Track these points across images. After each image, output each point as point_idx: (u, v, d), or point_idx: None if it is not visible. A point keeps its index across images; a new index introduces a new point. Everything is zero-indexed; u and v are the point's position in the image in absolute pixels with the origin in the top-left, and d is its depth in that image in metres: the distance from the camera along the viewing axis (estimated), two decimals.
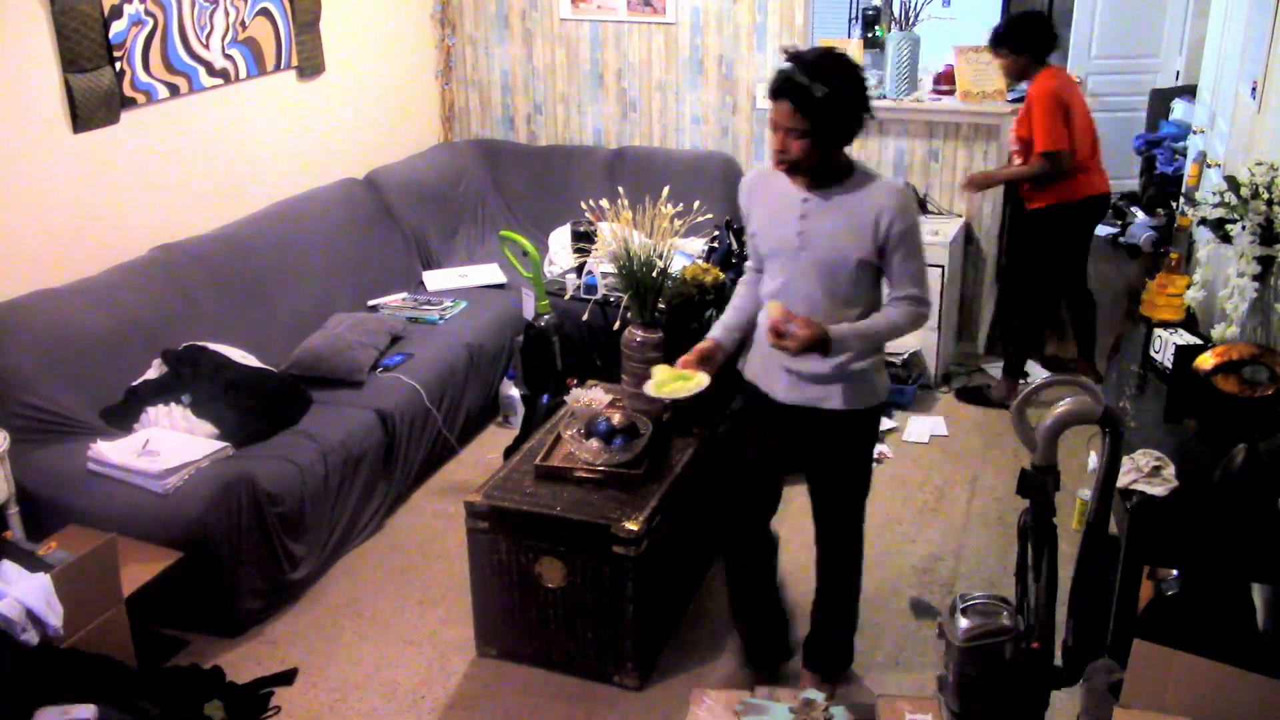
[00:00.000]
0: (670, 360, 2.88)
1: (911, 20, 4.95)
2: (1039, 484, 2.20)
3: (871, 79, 5.05)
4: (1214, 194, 2.98)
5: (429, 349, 4.26)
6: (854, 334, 2.63)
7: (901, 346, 4.80)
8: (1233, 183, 2.89)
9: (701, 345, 2.85)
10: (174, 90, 4.05)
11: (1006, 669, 2.06)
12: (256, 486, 3.28)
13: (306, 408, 3.74)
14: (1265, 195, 2.82)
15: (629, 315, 3.43)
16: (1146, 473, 2.47)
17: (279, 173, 4.65)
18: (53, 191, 3.67)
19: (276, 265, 4.29)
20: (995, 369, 5.11)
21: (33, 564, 2.77)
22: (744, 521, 2.99)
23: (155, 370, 3.65)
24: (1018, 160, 4.54)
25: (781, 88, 2.53)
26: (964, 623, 2.05)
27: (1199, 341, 3.00)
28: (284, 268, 4.32)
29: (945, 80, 5.00)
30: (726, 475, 2.99)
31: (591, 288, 4.71)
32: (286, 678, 3.12)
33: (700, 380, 2.78)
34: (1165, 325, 3.16)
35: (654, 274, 3.30)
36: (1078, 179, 4.45)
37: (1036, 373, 5.10)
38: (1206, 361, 2.74)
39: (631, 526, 2.94)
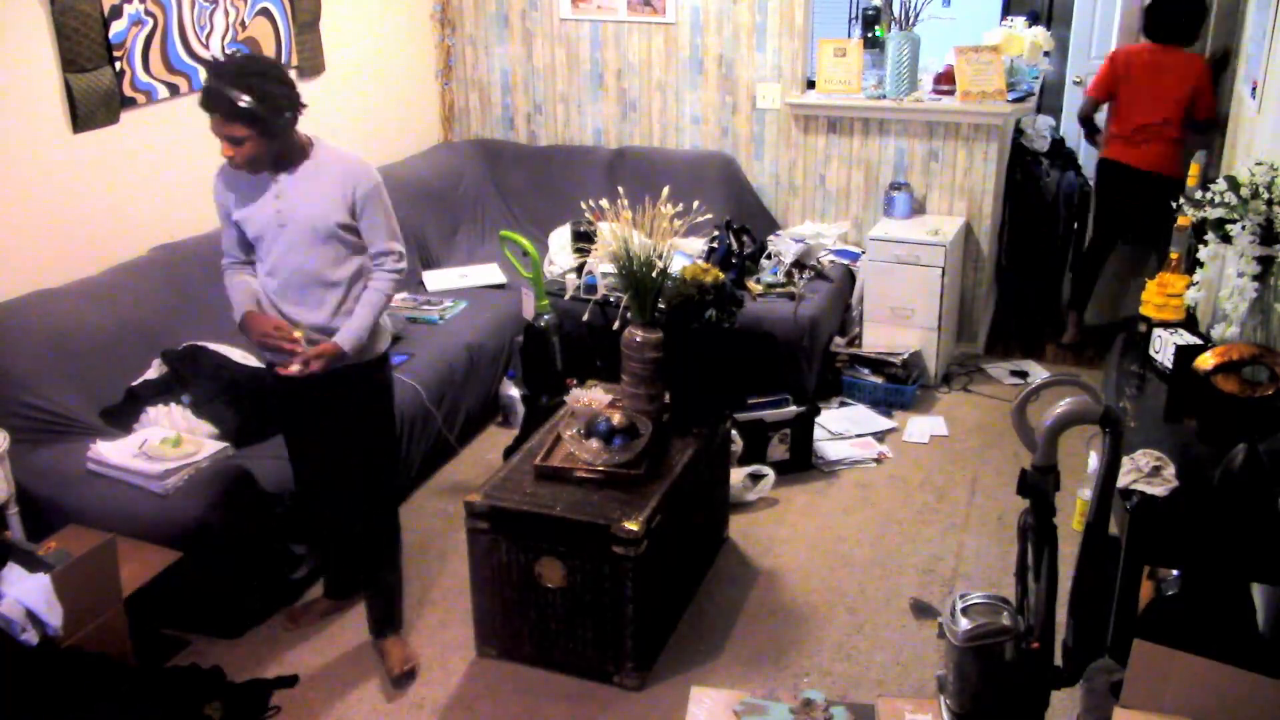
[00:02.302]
0: (671, 360, 2.88)
1: (911, 20, 4.94)
2: (1039, 484, 2.20)
3: (871, 79, 5.08)
4: (1214, 194, 2.97)
5: (429, 349, 4.26)
6: (361, 328, 2.95)
7: (902, 347, 4.80)
8: (1233, 183, 2.89)
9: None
10: (174, 90, 4.05)
11: (1006, 669, 2.06)
12: (256, 486, 3.28)
13: None
14: (1265, 195, 2.81)
15: (629, 315, 3.43)
16: (1146, 473, 2.47)
17: None
18: (53, 191, 3.67)
19: None
20: (996, 368, 5.11)
21: (33, 564, 2.77)
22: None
23: (155, 370, 3.65)
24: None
25: (209, 103, 2.74)
26: (964, 623, 2.05)
27: (1199, 341, 3.00)
28: None
29: (945, 80, 5.00)
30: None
31: (591, 288, 4.71)
32: (288, 682, 3.12)
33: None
34: (1165, 325, 3.15)
35: (654, 274, 3.30)
36: (1108, 140, 5.14)
37: (1037, 372, 5.10)
38: (1206, 361, 2.74)
39: (631, 526, 2.94)
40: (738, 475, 3.97)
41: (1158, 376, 3.04)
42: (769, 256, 4.93)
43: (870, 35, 5.12)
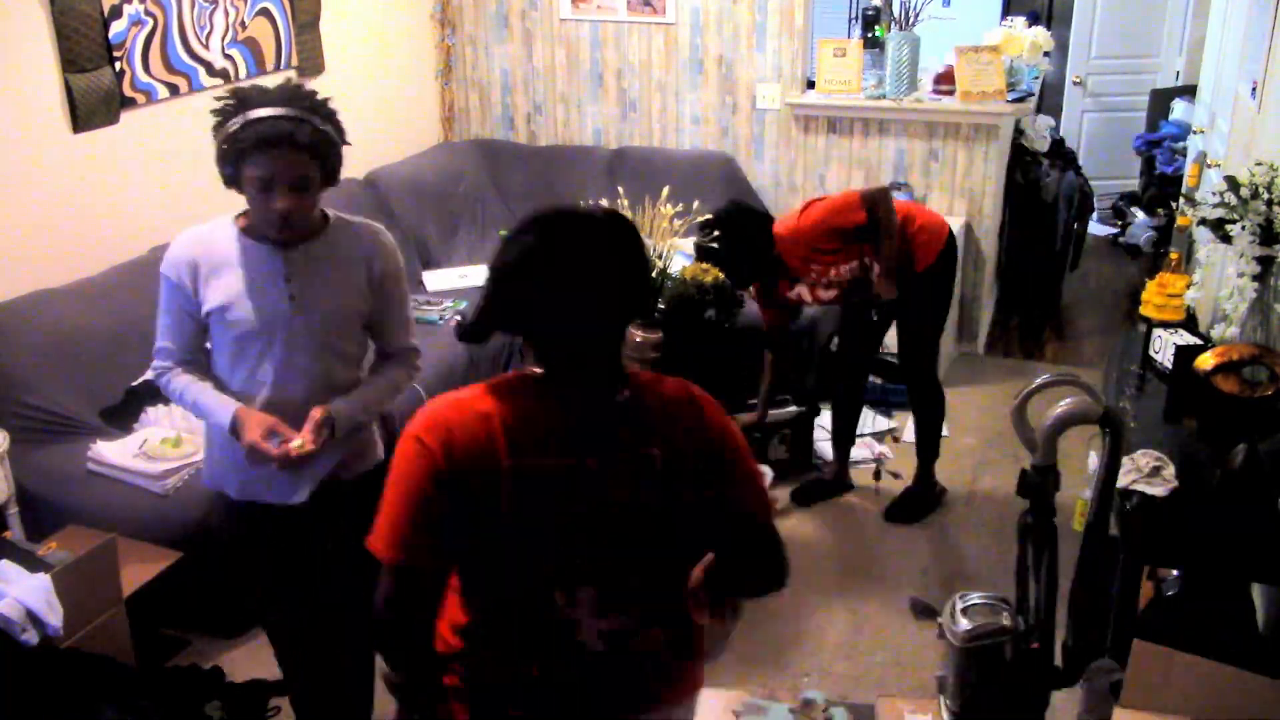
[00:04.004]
0: (671, 359, 2.88)
1: (911, 20, 4.94)
2: (1039, 484, 2.20)
3: (871, 79, 5.08)
4: (1214, 194, 2.98)
5: (429, 349, 4.23)
6: (360, 408, 2.36)
7: None
8: (1233, 183, 2.89)
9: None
10: (174, 90, 4.05)
11: (1006, 669, 2.06)
12: None
13: None
14: (1265, 195, 2.81)
15: None
16: (1146, 473, 2.47)
17: None
18: (53, 191, 3.67)
19: None
20: (996, 367, 5.11)
21: (33, 564, 2.76)
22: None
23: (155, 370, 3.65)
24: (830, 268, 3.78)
25: (284, 134, 2.16)
26: (964, 623, 2.05)
27: (1199, 341, 3.00)
28: None
29: (945, 80, 5.00)
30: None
31: None
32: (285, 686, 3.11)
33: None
34: (1165, 325, 3.15)
35: (654, 274, 3.30)
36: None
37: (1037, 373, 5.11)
38: (1206, 361, 2.74)
39: None
40: None
41: (1158, 376, 3.04)
42: None
43: (870, 35, 5.12)
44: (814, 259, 3.62)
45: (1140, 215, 6.89)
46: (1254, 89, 3.83)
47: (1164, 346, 3.04)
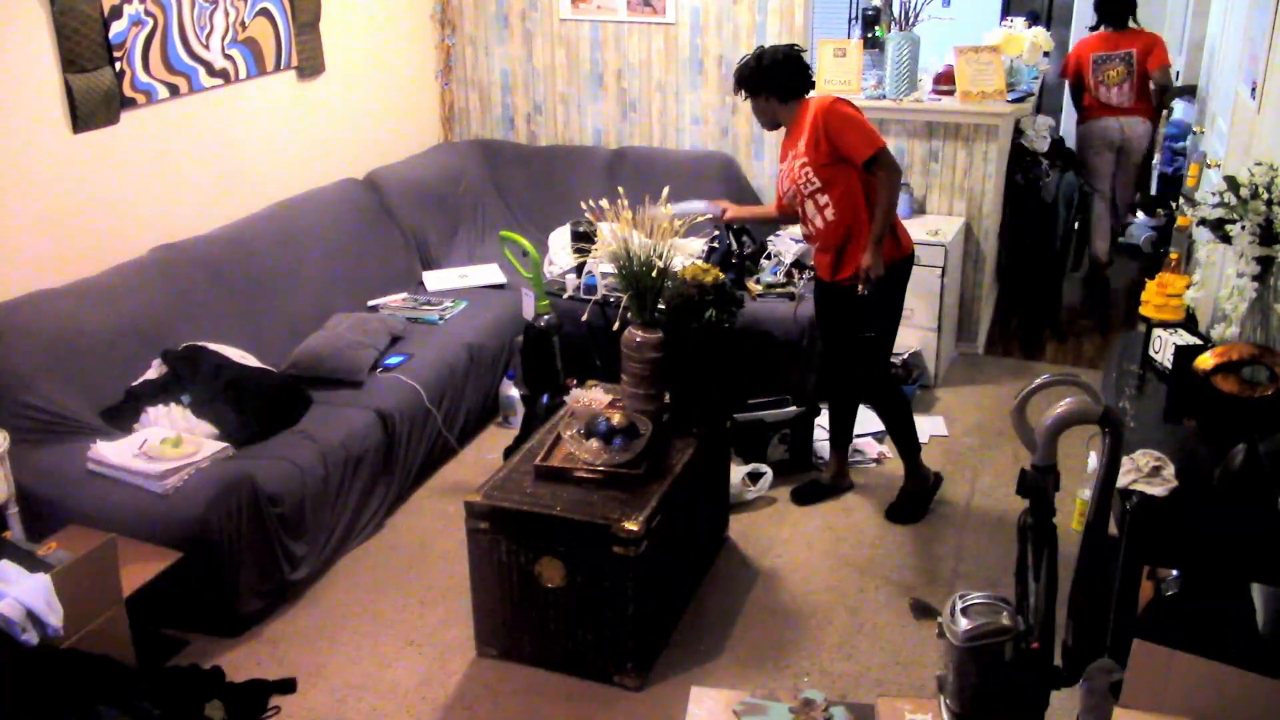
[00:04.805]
0: (671, 360, 2.86)
1: (911, 20, 4.94)
2: (1039, 484, 2.20)
3: (871, 79, 5.08)
4: (1214, 194, 2.97)
5: (429, 349, 4.26)
6: None
7: (902, 347, 4.80)
8: (1232, 183, 2.89)
9: None
10: (174, 90, 4.05)
11: (1006, 669, 2.06)
12: (256, 486, 3.28)
13: (306, 408, 3.74)
14: (1265, 195, 2.81)
15: (629, 315, 3.43)
16: (1146, 473, 2.47)
17: (279, 173, 4.65)
18: (53, 191, 3.67)
19: (276, 265, 4.29)
20: (996, 367, 5.11)
21: (33, 564, 2.76)
22: None
23: (155, 370, 3.65)
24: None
25: None
26: (964, 623, 2.05)
27: (1199, 341, 3.00)
28: (284, 268, 4.32)
29: (945, 80, 5.00)
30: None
31: (591, 288, 4.71)
32: (285, 686, 3.12)
33: None
34: (1165, 325, 3.15)
35: (654, 274, 3.30)
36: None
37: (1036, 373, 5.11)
38: (1206, 361, 2.74)
39: (631, 526, 2.94)
40: (736, 475, 3.97)
41: (1157, 376, 3.04)
42: (769, 256, 4.94)
43: (870, 35, 5.12)
44: (805, 145, 3.61)
45: (1140, 215, 6.89)
46: (1254, 89, 3.83)
47: (1164, 346, 3.04)
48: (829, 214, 3.64)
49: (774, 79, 3.68)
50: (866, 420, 4.60)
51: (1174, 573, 2.75)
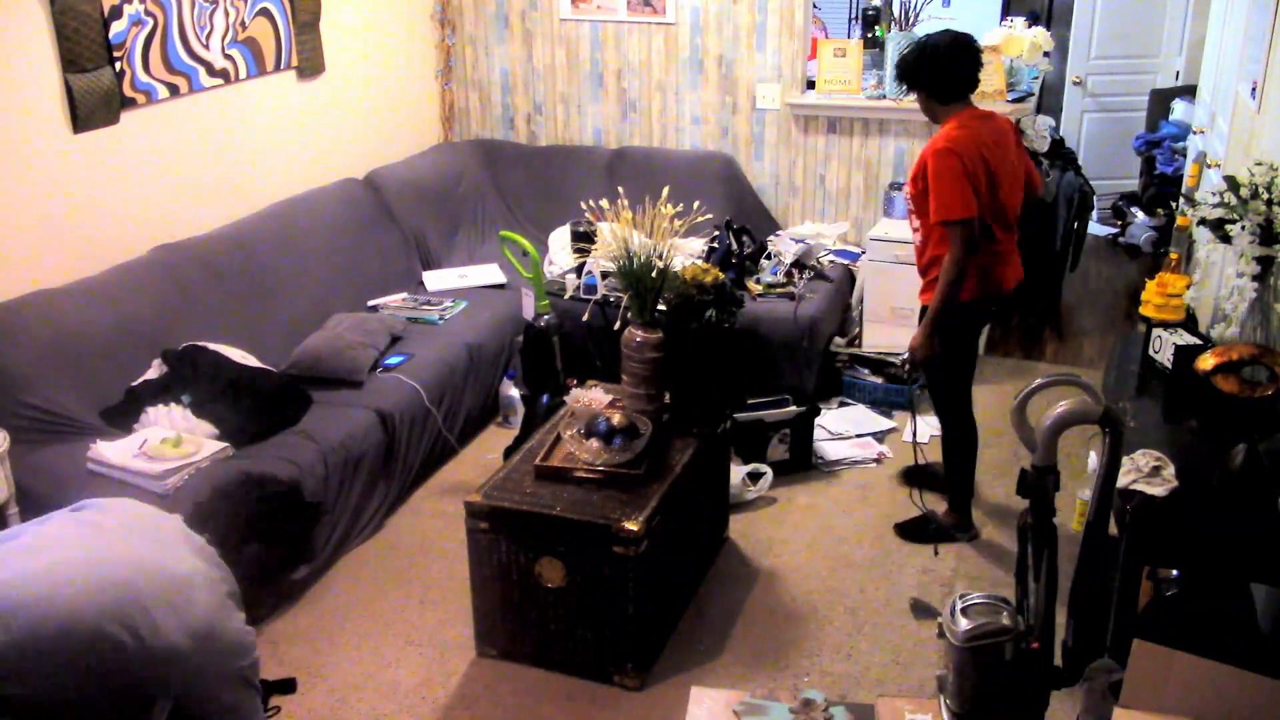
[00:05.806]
0: (671, 360, 2.85)
1: (911, 20, 4.95)
2: (1039, 484, 2.20)
3: (871, 79, 5.08)
4: (1214, 194, 2.98)
5: (429, 349, 4.26)
6: None
7: (902, 347, 4.79)
8: (1232, 183, 2.89)
9: None
10: (174, 90, 4.05)
11: (1006, 669, 2.06)
12: (256, 486, 3.27)
13: (306, 408, 3.74)
14: (1265, 195, 2.82)
15: (629, 315, 3.43)
16: (1146, 473, 2.47)
17: (279, 173, 4.65)
18: (53, 191, 3.67)
19: (276, 265, 4.29)
20: (996, 367, 5.11)
21: None
22: None
23: (155, 370, 3.65)
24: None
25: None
26: (964, 623, 2.05)
27: (1199, 341, 3.00)
28: (284, 268, 4.32)
29: None
30: None
31: (591, 288, 4.71)
32: (285, 686, 3.12)
33: None
34: (1165, 325, 3.15)
35: (654, 274, 3.30)
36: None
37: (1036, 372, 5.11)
38: (1206, 361, 2.75)
39: (631, 526, 2.94)
40: (736, 475, 3.97)
41: (1158, 377, 3.04)
42: (769, 256, 4.94)
43: (870, 35, 5.13)
44: (916, 166, 3.46)
45: (1140, 215, 6.89)
46: (1254, 89, 3.83)
47: (1164, 346, 3.04)
48: (918, 237, 3.59)
49: (931, 74, 3.41)
50: (867, 420, 4.61)
51: (1174, 573, 2.76)
